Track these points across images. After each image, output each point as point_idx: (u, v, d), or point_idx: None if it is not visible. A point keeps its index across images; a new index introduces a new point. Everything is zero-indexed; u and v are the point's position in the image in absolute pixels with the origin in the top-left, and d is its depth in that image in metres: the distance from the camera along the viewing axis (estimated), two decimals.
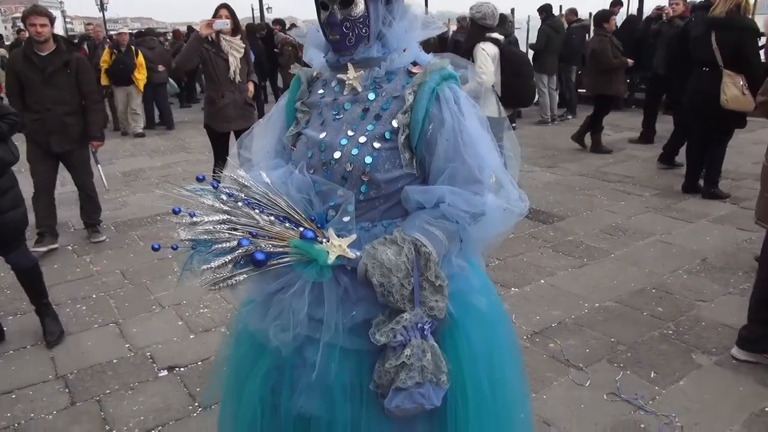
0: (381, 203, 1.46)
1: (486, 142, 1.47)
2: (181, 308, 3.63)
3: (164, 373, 2.96)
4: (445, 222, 1.40)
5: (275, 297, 1.44)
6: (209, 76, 5.07)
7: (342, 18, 1.40)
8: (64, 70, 4.43)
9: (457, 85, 1.48)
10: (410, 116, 1.41)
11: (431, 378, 1.36)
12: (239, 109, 5.04)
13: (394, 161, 1.43)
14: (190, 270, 1.42)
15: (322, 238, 1.41)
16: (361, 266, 1.36)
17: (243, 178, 1.48)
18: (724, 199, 5.37)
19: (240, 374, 1.62)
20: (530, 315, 3.41)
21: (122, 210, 5.84)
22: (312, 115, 1.56)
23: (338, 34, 1.42)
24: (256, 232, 1.40)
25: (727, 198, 5.40)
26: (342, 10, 1.40)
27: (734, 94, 4.87)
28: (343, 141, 1.45)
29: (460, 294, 1.48)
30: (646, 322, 3.29)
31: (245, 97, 5.15)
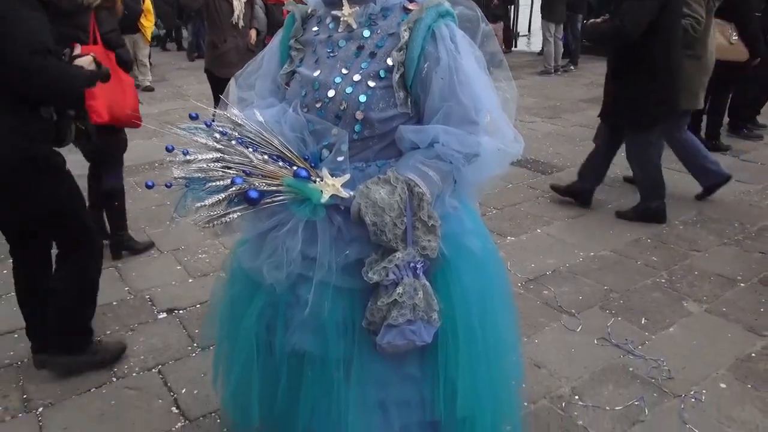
0: (375, 143, 1.45)
1: (482, 82, 1.45)
2: (179, 253, 3.66)
3: (163, 315, 3.01)
4: (439, 162, 1.39)
5: (269, 235, 1.45)
6: (212, 20, 4.93)
7: None
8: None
9: (454, 22, 1.44)
10: (405, 54, 1.39)
11: (422, 316, 1.38)
12: (241, 55, 4.83)
13: (389, 100, 1.41)
14: (184, 208, 1.43)
15: (315, 177, 1.41)
16: (354, 205, 1.36)
17: (236, 116, 1.47)
18: (725, 152, 5.32)
19: (235, 312, 1.65)
20: (525, 263, 3.44)
21: None
22: (306, 53, 1.53)
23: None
24: (249, 171, 1.40)
25: (727, 150, 5.36)
26: None
27: (719, 43, 4.57)
28: (338, 79, 1.43)
29: (454, 236, 1.49)
30: (640, 271, 3.33)
31: (247, 42, 5.00)
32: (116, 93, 3.23)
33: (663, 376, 2.45)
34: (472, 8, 1.54)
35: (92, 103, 3.05)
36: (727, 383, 2.41)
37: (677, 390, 2.37)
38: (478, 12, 1.55)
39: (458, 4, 1.51)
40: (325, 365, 1.49)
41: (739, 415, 2.24)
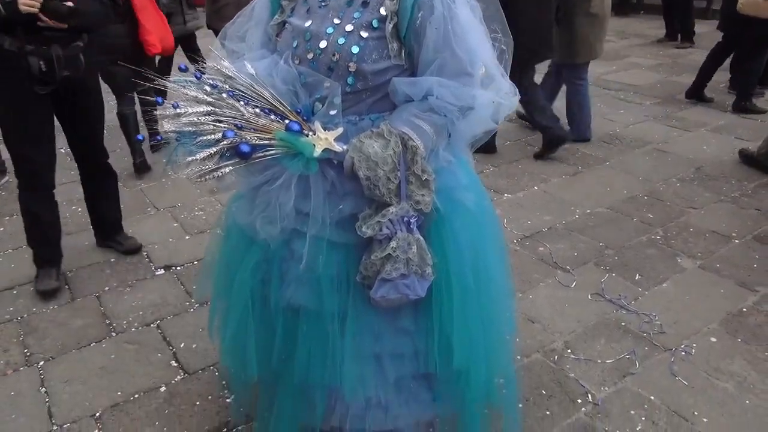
0: (368, 96, 1.43)
1: (478, 33, 1.42)
2: (176, 210, 3.66)
3: (161, 271, 3.02)
4: (433, 115, 1.37)
5: (262, 189, 1.44)
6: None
7: None
8: None
9: None
10: (398, 3, 1.35)
11: (416, 270, 1.39)
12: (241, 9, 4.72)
13: (382, 51, 1.38)
14: (175, 161, 1.41)
15: (308, 130, 1.39)
16: (348, 159, 1.35)
17: (227, 68, 1.44)
18: (758, 115, 5.12)
19: (230, 267, 1.65)
20: (522, 220, 3.45)
21: (112, 114, 5.72)
22: (297, 3, 1.49)
23: None
24: (241, 124, 1.38)
25: (762, 113, 5.15)
26: None
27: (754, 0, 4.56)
28: (329, 29, 1.39)
29: (448, 190, 1.48)
30: (636, 228, 3.34)
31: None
32: (161, 27, 3.99)
33: (654, 330, 2.49)
34: None
35: (148, 38, 3.84)
36: (717, 337, 2.45)
37: (668, 344, 2.41)
38: None
39: None
40: (320, 319, 1.51)
41: (728, 368, 2.28)
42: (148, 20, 3.85)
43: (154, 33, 3.87)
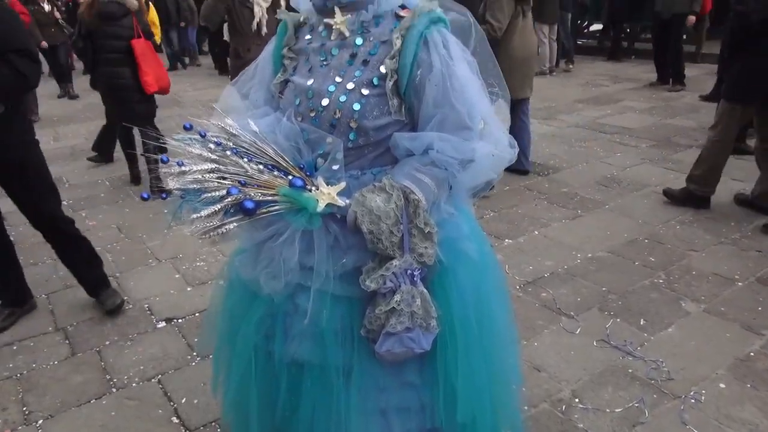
0: (370, 151, 1.45)
1: (476, 87, 1.45)
2: (177, 261, 3.66)
3: (162, 324, 3.00)
4: (434, 169, 1.39)
5: (266, 245, 1.45)
6: (234, 28, 4.68)
7: None
8: None
9: (447, 28, 1.45)
10: (398, 61, 1.39)
11: (421, 323, 1.39)
12: None
13: (383, 108, 1.41)
14: (180, 219, 1.43)
15: (311, 186, 1.41)
16: (351, 214, 1.36)
17: (231, 126, 1.47)
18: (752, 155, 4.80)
19: (233, 322, 1.64)
20: (523, 265, 3.45)
21: (116, 164, 5.81)
22: (299, 62, 1.53)
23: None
24: (245, 181, 1.40)
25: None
26: None
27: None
28: (331, 88, 1.43)
29: (450, 241, 1.49)
30: (638, 272, 3.33)
31: None
32: (158, 70, 4.69)
33: (662, 377, 2.46)
34: (464, 14, 1.55)
35: (146, 78, 4.54)
36: (726, 383, 2.42)
37: (677, 391, 2.38)
38: (470, 17, 1.55)
39: (450, 9, 1.51)
40: (325, 373, 1.49)
41: (739, 415, 2.24)
42: (147, 64, 4.57)
43: (151, 74, 4.58)
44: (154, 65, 4.65)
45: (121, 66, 4.51)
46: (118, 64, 4.52)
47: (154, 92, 4.67)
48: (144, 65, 4.53)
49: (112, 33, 4.49)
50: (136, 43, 4.48)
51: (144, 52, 4.55)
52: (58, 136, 7.07)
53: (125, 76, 4.54)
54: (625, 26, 10.21)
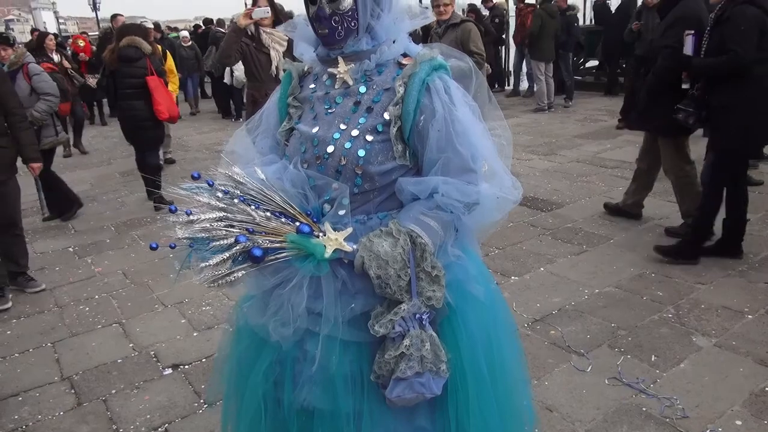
0: (376, 195, 1.47)
1: (478, 131, 1.48)
2: (183, 306, 3.64)
3: (169, 371, 2.98)
4: (439, 212, 1.41)
5: (274, 292, 1.46)
6: (250, 73, 4.69)
7: (330, 12, 1.40)
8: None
9: (448, 74, 1.48)
10: (401, 108, 1.42)
11: (431, 367, 1.38)
12: None
13: (387, 153, 1.44)
14: (188, 268, 1.44)
15: (318, 232, 1.42)
16: (358, 259, 1.37)
17: (238, 174, 1.48)
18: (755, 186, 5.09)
19: (242, 369, 1.63)
20: (531, 303, 3.43)
21: (121, 210, 5.86)
22: (304, 110, 1.56)
23: (327, 28, 1.43)
24: (252, 228, 1.41)
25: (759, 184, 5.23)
26: (330, 3, 1.40)
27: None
28: (336, 135, 1.46)
29: (458, 283, 1.49)
30: (646, 307, 3.31)
31: None
32: (169, 101, 5.60)
33: (677, 415, 2.41)
34: (463, 60, 1.59)
35: (159, 108, 5.43)
36: (742, 420, 2.37)
37: (693, 429, 2.33)
38: (470, 63, 1.59)
39: (450, 56, 1.56)
40: (335, 420, 1.47)
41: None
42: (160, 96, 5.45)
43: (163, 104, 5.46)
44: (166, 97, 5.55)
45: (137, 99, 5.42)
46: (134, 98, 5.43)
47: (165, 119, 5.57)
48: (158, 97, 5.42)
49: (129, 72, 5.40)
50: (150, 79, 5.38)
51: (157, 87, 5.44)
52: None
53: (140, 107, 5.42)
54: (621, 62, 10.38)
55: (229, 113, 11.03)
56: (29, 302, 3.87)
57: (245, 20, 4.33)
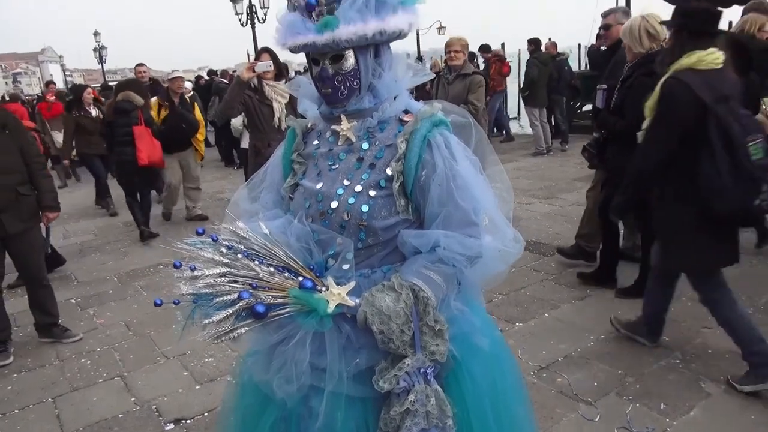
0: (379, 250, 1.49)
1: (479, 184, 1.50)
2: (185, 358, 3.61)
3: (171, 426, 2.93)
4: (441, 266, 1.42)
5: (277, 348, 1.46)
6: (253, 125, 4.79)
7: (333, 72, 1.45)
8: (2, 132, 3.70)
9: (448, 130, 1.51)
10: (403, 164, 1.44)
11: (437, 423, 1.36)
12: None
13: (390, 208, 1.46)
14: (192, 324, 1.44)
15: (321, 286, 1.43)
16: (361, 314, 1.38)
17: (242, 229, 1.50)
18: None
19: (246, 425, 1.62)
20: (536, 350, 3.39)
21: (124, 260, 5.86)
22: (308, 166, 1.59)
23: (330, 88, 1.47)
24: (256, 284, 1.43)
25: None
26: (333, 65, 1.44)
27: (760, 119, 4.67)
28: (340, 191, 1.48)
29: (464, 336, 1.49)
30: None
31: None
32: (151, 149, 6.13)
33: None
34: (463, 115, 1.62)
35: (140, 154, 6.01)
36: None
37: None
38: (469, 119, 1.63)
39: (450, 112, 1.59)
40: None
41: None
42: (142, 144, 6.06)
43: (144, 151, 6.05)
44: (148, 145, 6.10)
45: (127, 146, 6.06)
46: (126, 144, 6.08)
47: (144, 165, 6.08)
48: (139, 144, 6.04)
49: (123, 122, 6.11)
50: (136, 128, 6.06)
51: (141, 135, 6.07)
52: (68, 233, 7.17)
53: (130, 153, 6.04)
54: None
55: (232, 161, 11.15)
56: (31, 356, 3.85)
57: (248, 73, 4.45)
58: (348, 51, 1.42)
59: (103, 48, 30.80)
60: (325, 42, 1.38)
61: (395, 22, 1.40)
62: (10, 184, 3.65)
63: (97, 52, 30.91)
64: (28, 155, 3.78)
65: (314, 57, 1.47)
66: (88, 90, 8.22)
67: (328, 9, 1.37)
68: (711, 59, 2.67)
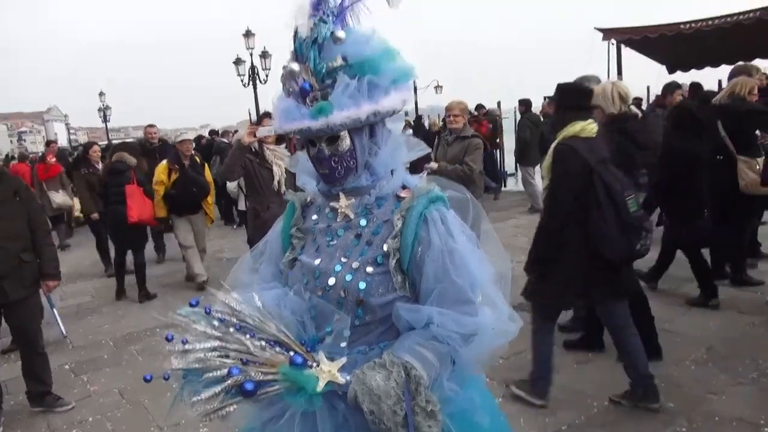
0: (377, 326, 1.47)
1: (475, 260, 1.49)
2: (179, 429, 3.52)
3: None
4: (435, 343, 1.40)
5: (267, 427, 1.43)
6: (253, 188, 4.82)
7: (330, 153, 1.47)
8: (13, 198, 3.73)
9: (445, 206, 1.52)
10: (400, 240, 1.45)
11: None
12: None
13: (388, 285, 1.45)
14: (182, 401, 1.42)
15: (312, 362, 1.41)
16: (351, 392, 1.35)
17: (235, 301, 1.49)
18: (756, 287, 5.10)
19: None
20: (539, 417, 3.31)
21: (121, 323, 5.80)
22: (307, 241, 1.60)
23: (327, 168, 1.49)
24: (246, 359, 1.40)
25: (760, 284, 5.14)
26: (329, 146, 1.47)
27: (753, 179, 4.77)
28: (337, 267, 1.48)
29: (463, 413, 1.47)
30: (659, 419, 3.18)
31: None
32: (141, 207, 6.27)
33: None
34: (461, 191, 1.63)
35: (130, 212, 6.15)
36: None
37: None
38: (466, 194, 1.64)
39: (448, 188, 1.59)
40: None
41: None
42: (133, 202, 6.22)
43: (134, 209, 6.20)
44: (139, 203, 6.26)
45: (120, 204, 6.24)
46: (118, 203, 6.27)
47: (133, 222, 6.21)
48: (130, 202, 6.20)
49: (116, 182, 6.36)
50: (128, 187, 6.24)
51: (132, 194, 6.25)
52: (65, 294, 7.12)
53: (122, 211, 6.20)
54: None
55: (232, 220, 11.20)
56: (21, 426, 3.76)
57: (250, 138, 4.50)
58: (343, 132, 1.45)
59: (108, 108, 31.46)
60: (320, 127, 1.41)
61: (388, 102, 1.43)
62: (14, 250, 3.66)
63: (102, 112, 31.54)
64: (35, 222, 3.83)
65: (310, 139, 1.49)
66: (95, 148, 8.10)
67: (322, 94, 1.41)
68: (590, 129, 3.19)
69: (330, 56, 1.41)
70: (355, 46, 1.42)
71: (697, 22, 9.67)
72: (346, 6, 1.46)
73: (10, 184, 3.80)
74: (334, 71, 1.41)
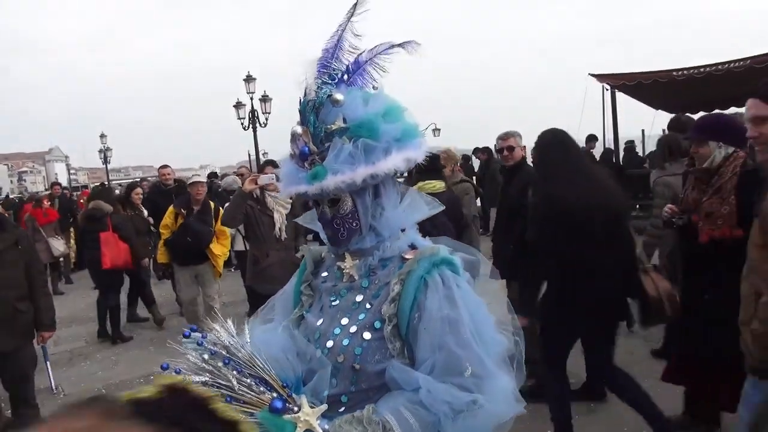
0: (374, 393, 1.41)
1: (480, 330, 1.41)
2: None
3: None
4: (421, 410, 1.32)
5: None
6: (253, 234, 4.79)
7: (332, 215, 1.46)
8: (15, 247, 3.74)
9: (452, 269, 1.45)
10: (397, 306, 1.40)
11: None
12: (286, 269, 4.15)
13: (384, 352, 1.41)
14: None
15: (293, 405, 1.36)
16: None
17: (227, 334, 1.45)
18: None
19: None
20: None
21: (114, 369, 5.69)
22: (315, 299, 1.58)
23: (331, 230, 1.49)
24: (230, 398, 1.36)
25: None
26: (331, 208, 1.46)
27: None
28: (336, 330, 1.45)
29: None
30: None
31: (291, 256, 4.54)
32: (115, 252, 6.62)
33: None
34: (472, 253, 1.59)
35: (104, 259, 6.51)
36: None
37: None
38: (478, 256, 1.60)
39: (458, 250, 1.54)
40: None
41: None
42: (107, 248, 6.56)
43: (108, 255, 6.54)
44: (113, 250, 6.58)
45: (96, 250, 6.59)
46: (95, 249, 6.62)
47: (107, 267, 6.53)
48: (103, 248, 6.53)
49: (93, 228, 6.73)
50: (102, 234, 6.58)
51: (106, 240, 6.57)
52: (59, 339, 7.00)
53: (97, 257, 6.56)
54: None
55: (229, 262, 11.12)
56: None
57: (251, 185, 4.49)
58: (344, 194, 1.43)
59: (109, 149, 31.74)
60: (315, 192, 1.40)
61: (387, 164, 1.39)
62: (8, 299, 3.60)
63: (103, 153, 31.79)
64: (32, 271, 3.80)
65: (314, 200, 1.49)
66: (137, 190, 7.75)
67: (321, 157, 1.40)
68: (429, 187, 4.02)
69: (331, 119, 1.39)
70: (353, 108, 1.39)
71: (689, 69, 9.86)
72: (363, 62, 1.46)
73: (13, 233, 3.82)
74: (332, 134, 1.39)
